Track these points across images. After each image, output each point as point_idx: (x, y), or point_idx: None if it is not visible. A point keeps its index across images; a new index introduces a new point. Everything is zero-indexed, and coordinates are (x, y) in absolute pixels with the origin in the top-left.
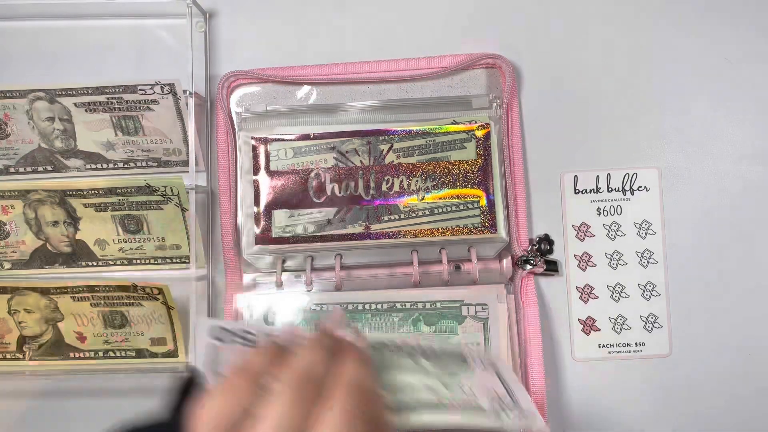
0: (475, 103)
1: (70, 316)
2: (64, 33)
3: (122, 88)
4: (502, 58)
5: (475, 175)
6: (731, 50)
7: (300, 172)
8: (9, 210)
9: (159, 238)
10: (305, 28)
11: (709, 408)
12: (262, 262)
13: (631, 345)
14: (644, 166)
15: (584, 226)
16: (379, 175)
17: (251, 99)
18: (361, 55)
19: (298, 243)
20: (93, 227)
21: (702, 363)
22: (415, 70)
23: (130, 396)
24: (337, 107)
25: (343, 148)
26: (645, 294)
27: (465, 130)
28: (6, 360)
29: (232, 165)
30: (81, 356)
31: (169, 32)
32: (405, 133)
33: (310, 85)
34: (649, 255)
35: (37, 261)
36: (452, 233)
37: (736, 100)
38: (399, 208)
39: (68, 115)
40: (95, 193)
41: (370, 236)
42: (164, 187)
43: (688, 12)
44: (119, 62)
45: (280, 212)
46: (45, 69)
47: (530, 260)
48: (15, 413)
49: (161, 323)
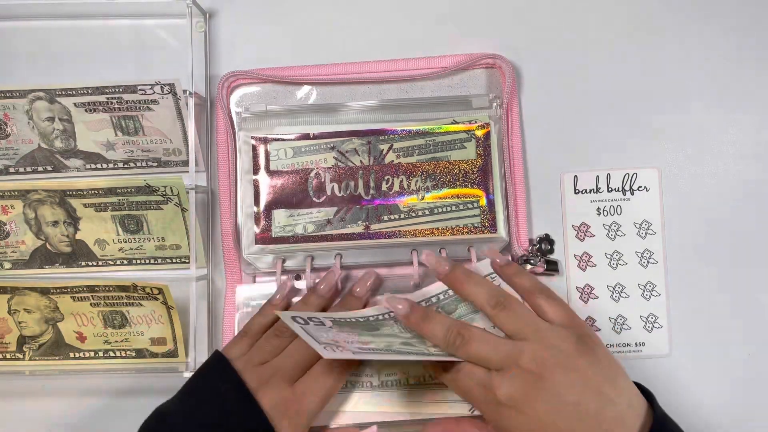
0: (475, 103)
1: (70, 316)
2: (65, 33)
3: (122, 88)
4: (502, 58)
5: (475, 175)
6: (731, 50)
7: (300, 171)
8: (9, 210)
9: (159, 238)
10: (305, 28)
11: (708, 408)
12: (262, 262)
13: (631, 345)
14: (644, 166)
15: (584, 226)
16: (378, 174)
17: (251, 99)
18: (361, 55)
19: (298, 243)
20: (93, 227)
21: (702, 363)
22: (414, 70)
23: (130, 396)
24: (336, 107)
25: (343, 148)
26: (645, 294)
27: (465, 130)
28: (6, 360)
29: (232, 165)
30: (81, 356)
31: (169, 32)
32: (405, 133)
33: (309, 85)
34: (649, 255)
35: (37, 261)
36: (452, 233)
37: (736, 100)
38: (399, 208)
39: (68, 115)
40: (95, 193)
41: (370, 236)
42: (164, 187)
43: (688, 12)
44: (119, 62)
45: (280, 212)
46: (45, 69)
47: (530, 260)
48: (15, 413)
49: (161, 323)
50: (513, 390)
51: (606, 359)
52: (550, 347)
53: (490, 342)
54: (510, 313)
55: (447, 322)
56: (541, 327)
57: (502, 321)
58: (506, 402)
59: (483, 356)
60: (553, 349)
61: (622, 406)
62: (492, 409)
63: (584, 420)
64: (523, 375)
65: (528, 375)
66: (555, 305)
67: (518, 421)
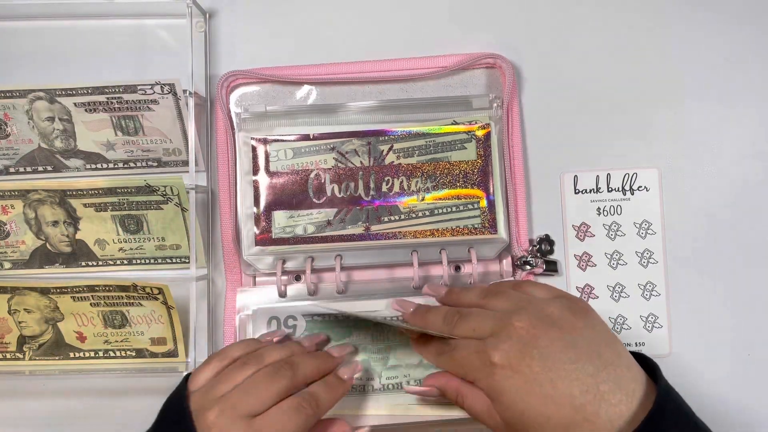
0: (476, 103)
1: (70, 315)
2: (64, 33)
3: (122, 88)
4: (502, 58)
5: (475, 176)
6: (731, 50)
7: (300, 172)
8: (9, 210)
9: (159, 238)
10: (305, 27)
11: (709, 408)
12: (262, 263)
13: (631, 345)
14: (644, 166)
15: (584, 226)
16: (379, 175)
17: (250, 99)
18: (361, 55)
19: (298, 244)
20: (93, 227)
21: (702, 363)
22: (414, 69)
23: (130, 396)
24: (336, 107)
25: (343, 149)
26: (645, 294)
27: (465, 131)
28: (6, 360)
29: (232, 165)
30: (81, 356)
31: (169, 32)
32: (405, 134)
33: (309, 84)
34: (649, 255)
35: (37, 261)
36: (452, 234)
37: (736, 100)
38: (399, 209)
39: (68, 115)
40: (95, 193)
41: (370, 237)
42: (164, 187)
43: (689, 12)
44: (119, 62)
45: (280, 213)
46: (45, 69)
47: (530, 261)
48: (15, 413)
49: (161, 323)
50: (508, 348)
51: (601, 325)
52: (544, 312)
53: (486, 314)
54: (501, 296)
55: (445, 309)
56: (535, 299)
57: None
58: (501, 362)
59: (479, 326)
60: (548, 314)
61: (621, 368)
62: (487, 372)
63: (581, 380)
64: (518, 333)
65: (523, 333)
66: (538, 286)
67: (514, 382)
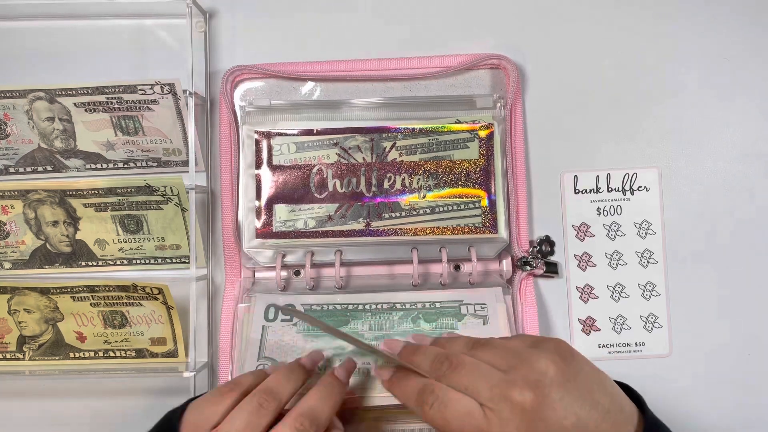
0: (479, 103)
1: (70, 316)
2: (64, 33)
3: (122, 88)
4: (506, 59)
5: (477, 175)
6: (731, 50)
7: (302, 167)
8: (9, 210)
9: (159, 238)
10: (306, 28)
11: (709, 408)
12: (262, 257)
13: (631, 345)
14: (644, 166)
15: (584, 226)
16: (381, 172)
17: (254, 95)
18: (366, 54)
19: (299, 238)
20: (93, 227)
21: (702, 363)
22: (419, 68)
23: (130, 396)
24: (340, 103)
25: (345, 145)
26: (645, 294)
27: (468, 130)
28: (6, 360)
29: (235, 159)
30: (81, 356)
31: (169, 32)
32: (408, 131)
33: (314, 81)
34: (649, 255)
35: (37, 261)
36: (453, 232)
37: (736, 100)
38: (400, 206)
39: (68, 115)
40: (95, 193)
41: (371, 233)
42: (164, 187)
43: (689, 12)
44: (119, 62)
45: (281, 206)
46: (45, 69)
47: (530, 262)
48: (16, 413)
49: (161, 323)
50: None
51: (587, 364)
52: (539, 371)
53: (479, 373)
54: (488, 348)
55: (435, 351)
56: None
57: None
58: None
59: (472, 386)
60: (543, 372)
61: (615, 413)
62: None
63: None
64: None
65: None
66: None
67: None
